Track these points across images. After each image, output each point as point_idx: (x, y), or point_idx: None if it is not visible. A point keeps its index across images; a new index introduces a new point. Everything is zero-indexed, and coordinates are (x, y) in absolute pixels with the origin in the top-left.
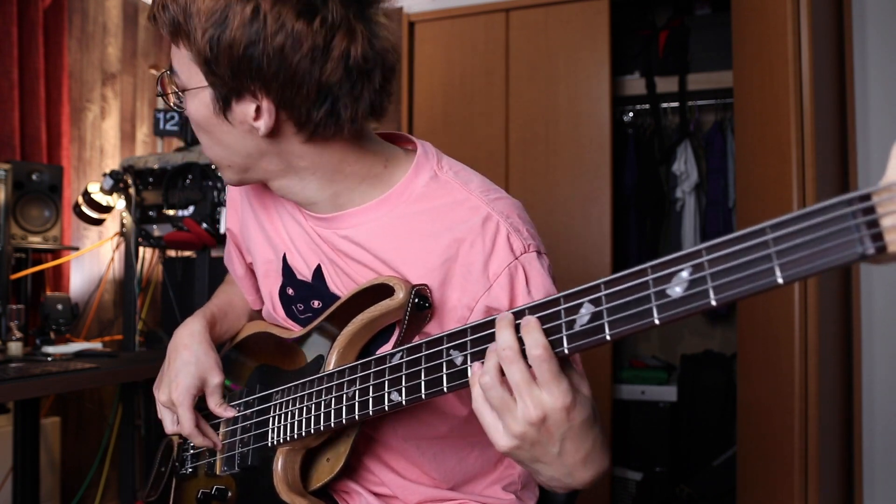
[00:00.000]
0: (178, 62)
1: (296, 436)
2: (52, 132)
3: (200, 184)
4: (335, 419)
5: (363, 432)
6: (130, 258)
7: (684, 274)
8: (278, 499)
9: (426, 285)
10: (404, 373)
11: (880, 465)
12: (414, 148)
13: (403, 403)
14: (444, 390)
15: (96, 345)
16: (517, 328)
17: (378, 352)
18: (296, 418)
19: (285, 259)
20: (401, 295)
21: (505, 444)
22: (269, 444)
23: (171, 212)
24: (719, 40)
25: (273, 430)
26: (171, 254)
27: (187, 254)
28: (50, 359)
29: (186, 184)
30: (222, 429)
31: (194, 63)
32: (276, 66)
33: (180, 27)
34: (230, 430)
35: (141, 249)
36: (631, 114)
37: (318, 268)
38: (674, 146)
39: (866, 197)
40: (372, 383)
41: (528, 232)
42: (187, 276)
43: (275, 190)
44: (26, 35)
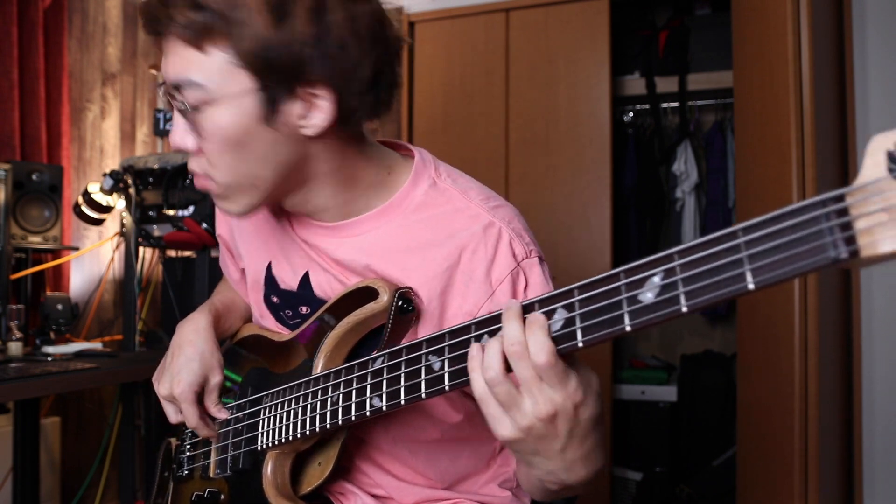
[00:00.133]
0: (202, 71)
1: (283, 440)
2: (52, 132)
3: None
4: (320, 423)
5: (354, 435)
6: (130, 258)
7: (656, 279)
8: (268, 503)
9: (410, 288)
10: (385, 378)
11: (880, 465)
12: (410, 154)
13: (384, 409)
14: (423, 396)
15: (96, 345)
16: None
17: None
18: (283, 422)
19: (270, 268)
20: (384, 298)
21: (508, 435)
22: (258, 448)
23: (171, 212)
24: (719, 40)
25: (262, 433)
26: (171, 254)
27: (187, 254)
28: (50, 359)
29: (186, 184)
30: (217, 430)
31: (235, 66)
32: (339, 52)
33: (215, 26)
34: (223, 433)
35: (141, 249)
36: (631, 114)
37: (306, 275)
38: (674, 146)
39: (840, 198)
40: (355, 388)
41: (529, 238)
42: (187, 276)
43: (289, 208)
44: (26, 35)
